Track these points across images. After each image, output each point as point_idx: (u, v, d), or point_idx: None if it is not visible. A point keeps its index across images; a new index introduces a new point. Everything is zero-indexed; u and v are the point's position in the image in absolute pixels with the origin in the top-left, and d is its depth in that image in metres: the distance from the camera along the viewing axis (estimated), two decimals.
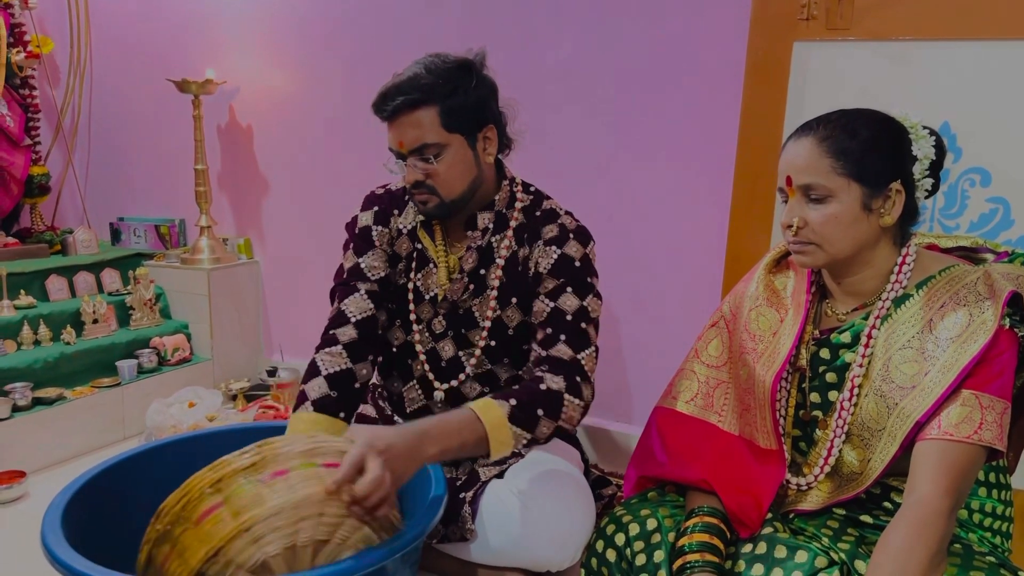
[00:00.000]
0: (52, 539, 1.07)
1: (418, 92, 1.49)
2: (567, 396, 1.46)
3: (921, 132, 1.17)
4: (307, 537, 1.07)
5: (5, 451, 2.22)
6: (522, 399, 1.40)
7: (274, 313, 3.07)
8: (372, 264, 1.68)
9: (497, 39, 2.35)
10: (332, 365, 1.58)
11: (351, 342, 1.61)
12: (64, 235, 3.02)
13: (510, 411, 1.37)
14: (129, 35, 3.14)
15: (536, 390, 1.44)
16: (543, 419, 1.42)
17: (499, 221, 1.66)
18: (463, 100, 1.52)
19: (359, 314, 1.63)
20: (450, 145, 1.53)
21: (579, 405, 1.48)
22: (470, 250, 1.65)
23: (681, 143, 2.17)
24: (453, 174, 1.55)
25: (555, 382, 1.47)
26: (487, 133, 1.58)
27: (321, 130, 2.79)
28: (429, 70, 1.51)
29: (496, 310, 1.65)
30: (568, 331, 1.54)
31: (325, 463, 1.12)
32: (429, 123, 1.50)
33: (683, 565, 1.12)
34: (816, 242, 1.16)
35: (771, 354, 1.26)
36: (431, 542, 1.62)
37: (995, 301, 1.10)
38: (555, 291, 1.58)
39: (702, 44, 2.09)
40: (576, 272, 1.60)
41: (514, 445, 1.38)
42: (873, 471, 1.15)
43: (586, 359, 1.52)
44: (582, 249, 1.62)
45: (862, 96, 1.55)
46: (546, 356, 1.52)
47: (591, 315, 1.58)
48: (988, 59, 1.66)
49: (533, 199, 1.69)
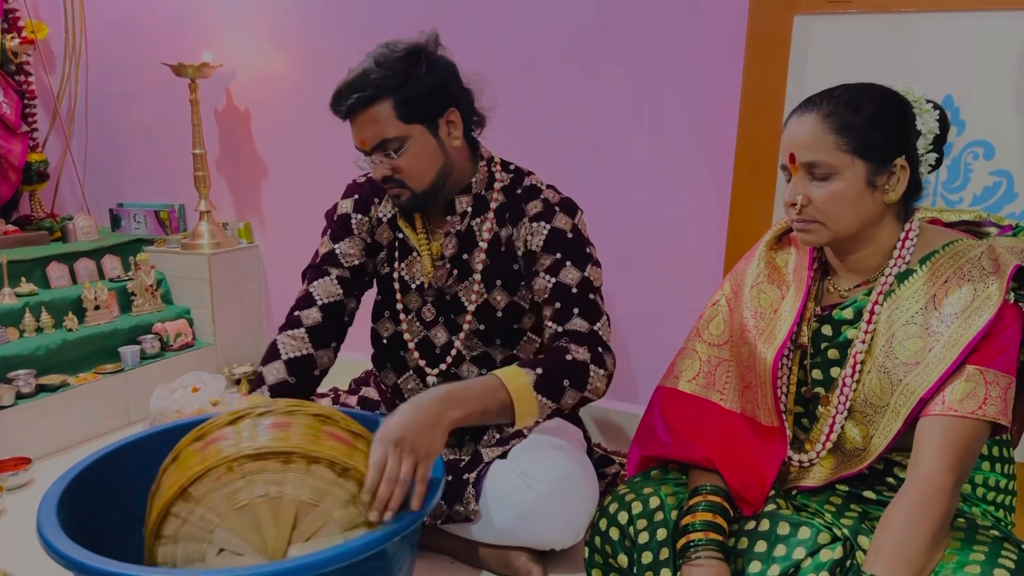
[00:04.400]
0: (48, 527, 1.07)
1: (370, 88, 1.47)
2: (592, 367, 1.48)
3: (925, 106, 1.16)
4: (292, 493, 1.10)
5: (10, 438, 2.23)
6: (548, 368, 1.42)
7: (276, 297, 3.07)
8: (347, 251, 1.69)
9: (494, 15, 2.33)
10: (293, 350, 1.60)
11: (315, 326, 1.62)
12: (64, 222, 3.02)
13: (536, 379, 1.39)
14: (124, 19, 3.11)
15: (563, 360, 1.46)
16: (569, 389, 1.44)
17: (478, 203, 1.64)
18: (416, 88, 1.48)
19: (326, 298, 1.65)
20: (411, 136, 1.50)
21: (604, 375, 1.50)
22: (449, 236, 1.63)
23: (681, 119, 2.15)
24: (419, 165, 1.53)
25: (580, 353, 1.48)
26: (450, 117, 1.55)
27: (319, 112, 2.74)
28: (379, 63, 1.49)
29: (482, 294, 1.65)
30: (579, 304, 1.54)
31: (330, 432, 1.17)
32: (386, 117, 1.48)
33: (687, 543, 1.13)
34: (820, 220, 1.15)
35: (772, 331, 1.25)
36: (435, 523, 1.63)
37: (1000, 275, 1.09)
38: (554, 266, 1.58)
39: (702, 18, 2.06)
40: (570, 244, 1.59)
41: (539, 414, 1.39)
42: (876, 447, 1.15)
43: (602, 329, 1.54)
44: (571, 220, 1.61)
45: (864, 69, 1.53)
46: (564, 331, 1.53)
47: (595, 284, 1.59)
48: (991, 30, 1.64)
49: (513, 177, 1.67)
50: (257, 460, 1.10)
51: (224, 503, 1.09)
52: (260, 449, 1.10)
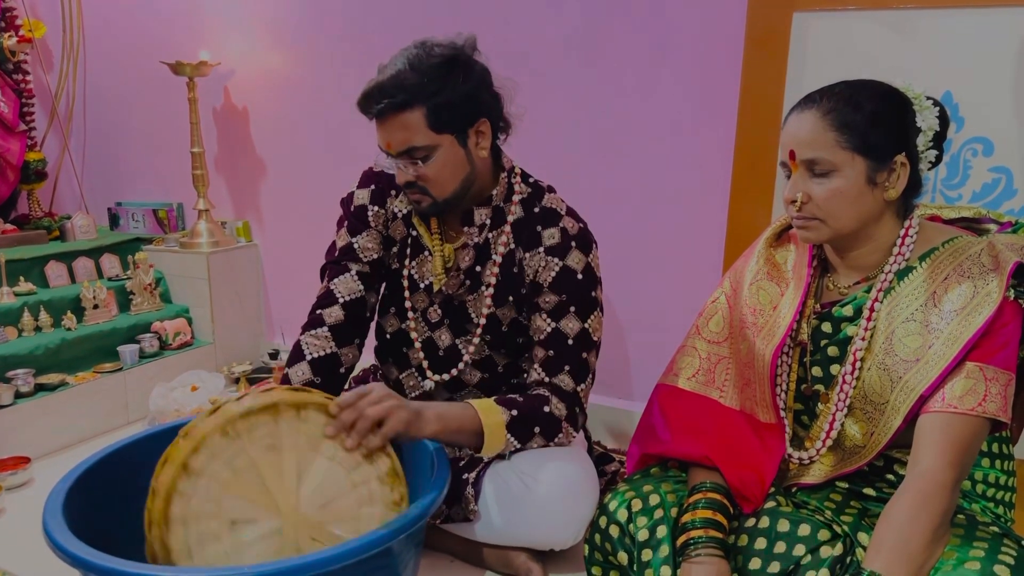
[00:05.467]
0: (53, 525, 1.07)
1: (403, 93, 1.41)
2: (566, 424, 1.54)
3: (925, 103, 1.16)
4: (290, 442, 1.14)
5: (9, 437, 2.22)
6: (524, 413, 1.48)
7: (274, 295, 3.06)
8: (365, 245, 1.66)
9: (495, 14, 2.33)
10: (317, 349, 1.60)
11: (337, 324, 1.62)
12: (62, 221, 3.02)
13: (510, 420, 1.45)
14: (122, 17, 3.10)
15: (540, 410, 1.51)
16: (537, 436, 1.51)
17: (496, 216, 1.61)
18: (451, 98, 1.43)
19: (348, 295, 1.64)
20: (440, 146, 1.46)
21: (573, 434, 1.57)
22: (467, 248, 1.61)
23: (680, 116, 2.15)
24: (444, 175, 1.49)
25: (559, 409, 1.53)
26: (480, 128, 1.50)
27: (317, 110, 2.77)
28: (413, 67, 1.42)
29: (491, 307, 1.63)
30: (571, 360, 1.56)
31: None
32: (416, 125, 1.43)
33: (687, 541, 1.13)
34: (820, 217, 1.15)
35: (771, 328, 1.25)
36: (435, 522, 1.63)
37: (1000, 272, 1.09)
38: (557, 310, 1.57)
39: (701, 15, 2.06)
40: (578, 287, 1.57)
41: (503, 449, 1.47)
42: (876, 444, 1.15)
43: (584, 391, 1.59)
44: (584, 259, 1.58)
45: (863, 66, 1.53)
46: (549, 382, 1.56)
47: (592, 338, 1.59)
48: (990, 27, 1.64)
49: (532, 191, 1.64)
50: (247, 418, 1.13)
51: (225, 469, 1.11)
52: (248, 408, 1.13)
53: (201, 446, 1.10)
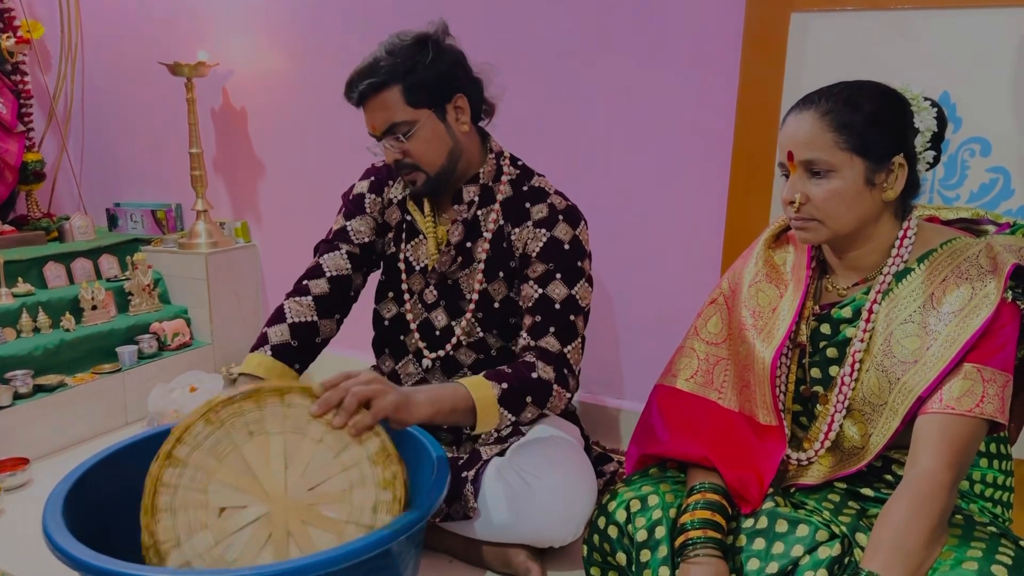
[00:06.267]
0: (53, 527, 1.07)
1: (379, 75, 1.52)
2: (556, 387, 1.54)
3: (923, 104, 1.16)
4: (276, 428, 1.14)
5: (8, 438, 2.22)
6: (513, 383, 1.47)
7: (273, 296, 3.06)
8: (358, 228, 1.74)
9: (492, 13, 2.33)
10: (298, 315, 1.66)
11: (322, 295, 1.68)
12: (61, 222, 3.01)
13: (501, 393, 1.44)
14: (120, 18, 3.10)
15: (527, 377, 1.50)
16: (530, 405, 1.50)
17: (485, 194, 1.67)
18: (424, 75, 1.53)
19: (335, 271, 1.71)
20: (419, 120, 1.55)
21: (566, 395, 1.56)
22: (456, 223, 1.67)
23: (678, 117, 2.15)
24: (428, 148, 1.58)
25: (546, 372, 1.53)
26: (457, 103, 1.59)
27: (316, 111, 2.77)
28: (389, 51, 1.54)
29: (483, 283, 1.68)
30: (557, 323, 1.58)
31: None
32: (394, 102, 1.53)
33: (685, 542, 1.13)
34: (818, 218, 1.15)
35: (771, 330, 1.26)
36: (434, 521, 1.63)
37: (998, 274, 1.09)
38: (544, 277, 1.60)
39: (699, 15, 2.06)
40: (565, 256, 1.61)
41: (498, 424, 1.46)
42: (875, 446, 1.15)
43: (572, 352, 1.58)
44: (571, 231, 1.63)
45: (861, 67, 1.53)
46: (535, 346, 1.57)
47: (579, 304, 1.61)
48: (987, 27, 1.64)
49: (521, 172, 1.71)
50: (229, 406, 1.13)
51: (210, 457, 1.11)
52: (230, 396, 1.13)
53: (185, 435, 1.10)
